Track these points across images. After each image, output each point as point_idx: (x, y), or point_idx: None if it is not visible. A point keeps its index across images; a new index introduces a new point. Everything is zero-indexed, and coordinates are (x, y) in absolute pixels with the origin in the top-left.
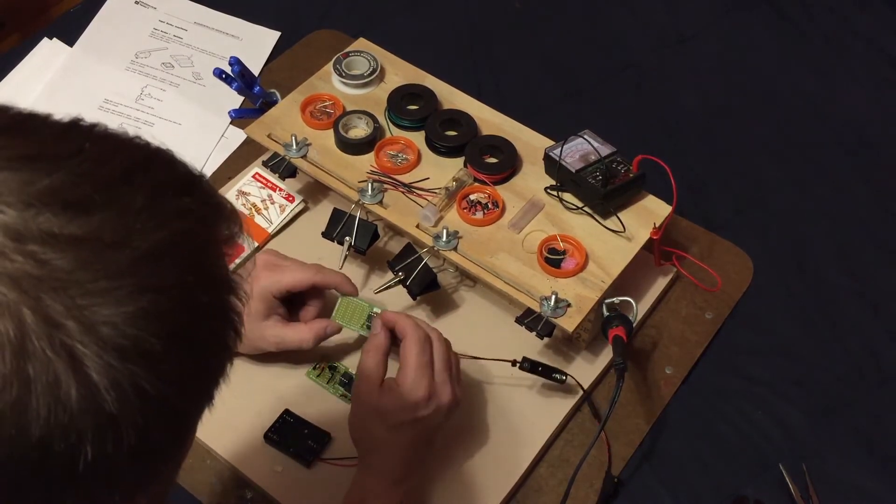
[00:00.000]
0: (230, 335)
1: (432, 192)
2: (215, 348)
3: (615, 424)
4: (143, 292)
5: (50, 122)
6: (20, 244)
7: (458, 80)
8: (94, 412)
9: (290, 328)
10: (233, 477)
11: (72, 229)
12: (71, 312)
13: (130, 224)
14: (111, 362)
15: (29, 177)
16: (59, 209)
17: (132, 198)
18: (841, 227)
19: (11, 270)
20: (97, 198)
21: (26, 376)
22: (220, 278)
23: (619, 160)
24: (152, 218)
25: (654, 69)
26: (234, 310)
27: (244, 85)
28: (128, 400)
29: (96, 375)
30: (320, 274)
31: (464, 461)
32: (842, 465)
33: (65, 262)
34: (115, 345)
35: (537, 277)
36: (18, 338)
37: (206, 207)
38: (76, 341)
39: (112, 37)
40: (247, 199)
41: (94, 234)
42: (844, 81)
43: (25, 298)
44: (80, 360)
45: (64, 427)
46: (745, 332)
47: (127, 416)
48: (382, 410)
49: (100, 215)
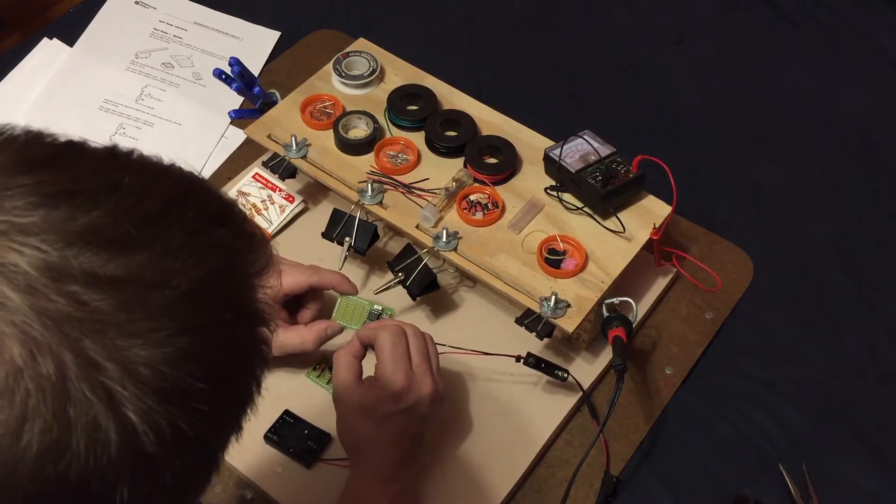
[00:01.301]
0: (260, 367)
1: (432, 192)
2: (248, 382)
3: (615, 424)
4: (182, 333)
5: (87, 152)
6: (61, 284)
7: (458, 80)
8: (132, 454)
9: (291, 332)
10: (233, 477)
11: (112, 269)
12: (111, 354)
13: (170, 263)
14: (150, 404)
15: (69, 214)
16: (99, 248)
17: (172, 234)
18: (841, 227)
19: (52, 311)
20: (137, 236)
21: (67, 418)
22: (253, 311)
23: (618, 160)
24: (191, 255)
25: (654, 69)
26: (265, 341)
27: (244, 85)
28: (166, 441)
29: (135, 417)
30: (317, 275)
31: (464, 461)
32: (842, 465)
33: (105, 304)
34: (155, 387)
35: (537, 278)
36: (59, 380)
37: (240, 238)
38: (116, 383)
39: (112, 37)
40: (247, 199)
41: (134, 274)
42: (844, 81)
43: (66, 340)
44: (120, 402)
45: (102, 468)
46: (745, 332)
47: (164, 457)
48: (363, 406)
49: (140, 255)
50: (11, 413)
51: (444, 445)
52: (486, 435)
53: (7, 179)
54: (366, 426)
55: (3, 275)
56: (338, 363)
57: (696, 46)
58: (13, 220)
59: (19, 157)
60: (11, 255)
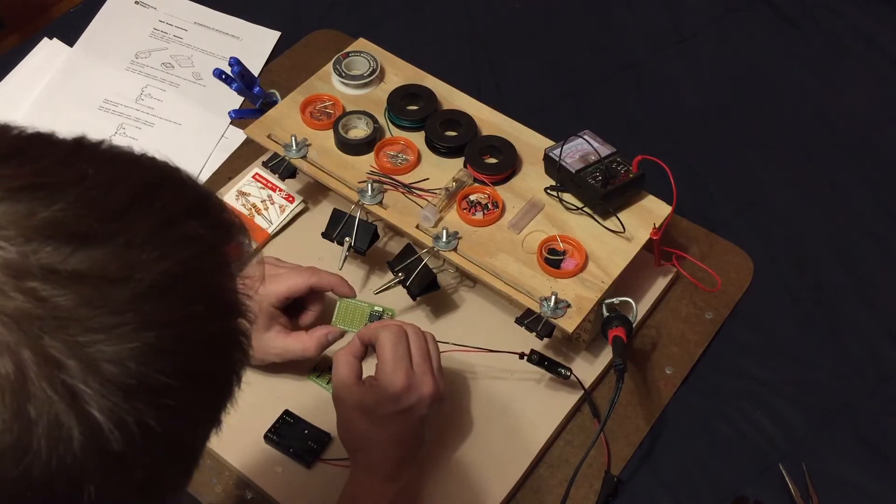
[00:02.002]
0: (238, 360)
1: (432, 192)
2: (224, 375)
3: (615, 424)
4: (148, 327)
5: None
6: (20, 281)
7: (458, 80)
8: (98, 452)
9: (292, 338)
10: (233, 477)
11: (73, 264)
12: (72, 351)
13: (135, 256)
14: (115, 401)
15: (30, 208)
16: (60, 243)
17: (138, 227)
18: (841, 227)
19: (11, 309)
20: (100, 229)
21: (27, 418)
22: (228, 303)
23: (618, 160)
24: (159, 247)
25: (654, 69)
26: (243, 332)
27: (244, 85)
28: (133, 438)
29: (99, 415)
30: (316, 276)
31: (464, 462)
32: (842, 465)
33: (66, 300)
34: (119, 383)
35: (537, 278)
36: (19, 378)
37: (215, 230)
38: (78, 381)
39: (112, 37)
40: (247, 199)
41: (96, 268)
42: (844, 81)
43: (25, 338)
44: (83, 399)
45: (66, 467)
46: (745, 332)
47: (133, 454)
48: (363, 405)
49: (103, 248)
50: None
51: (445, 445)
52: (487, 434)
53: None
54: (365, 425)
55: None
56: (338, 363)
57: (696, 46)
58: None
59: None
60: None
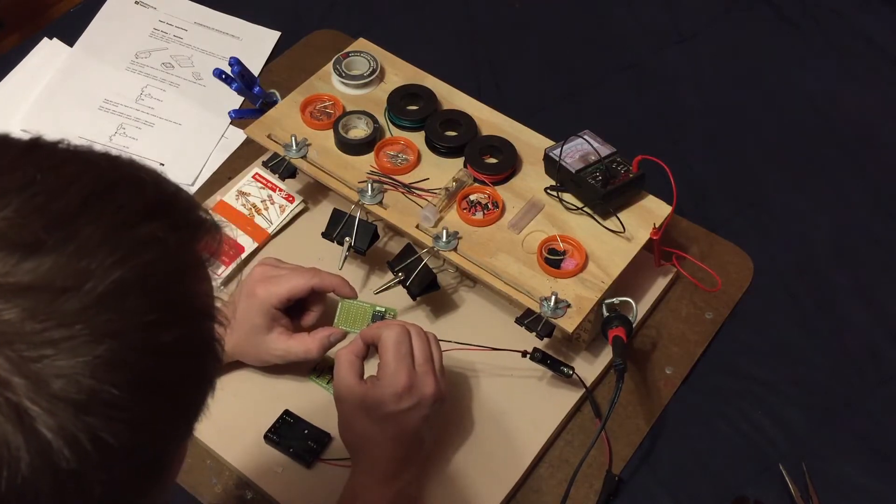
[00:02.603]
0: (208, 365)
1: (432, 192)
2: (190, 384)
3: (615, 425)
4: (100, 340)
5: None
6: None
7: (458, 80)
8: (48, 471)
9: (294, 340)
10: (233, 477)
11: (18, 276)
12: (18, 368)
13: (85, 264)
14: (65, 417)
15: None
16: (5, 253)
17: (89, 232)
18: (841, 227)
19: None
20: (48, 237)
21: None
22: (196, 307)
23: (618, 160)
24: (111, 254)
25: (654, 69)
26: (213, 337)
27: (244, 85)
28: (86, 455)
29: (48, 433)
30: (317, 277)
31: (464, 461)
32: (842, 465)
33: (10, 314)
34: (69, 399)
35: (537, 278)
36: None
37: (178, 230)
38: (24, 398)
39: (112, 37)
40: (247, 199)
41: (43, 279)
42: (845, 81)
43: None
44: (30, 417)
45: (17, 488)
46: (745, 332)
47: (88, 471)
48: (365, 405)
49: (49, 257)
50: None
51: (445, 444)
52: (487, 434)
53: None
54: (366, 425)
55: None
56: (339, 362)
57: (696, 46)
58: None
59: None
60: None
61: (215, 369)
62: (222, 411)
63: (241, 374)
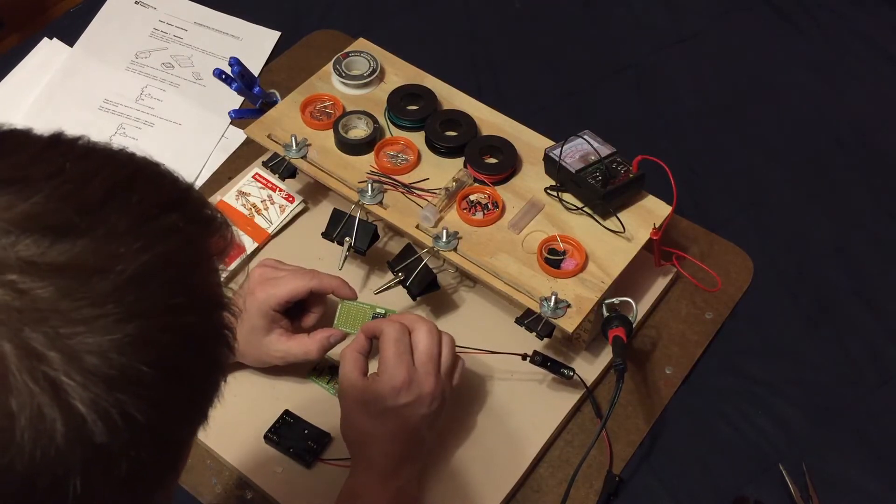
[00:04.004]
0: (222, 353)
1: (432, 192)
2: (207, 369)
3: (615, 425)
4: (129, 319)
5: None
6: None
7: (458, 80)
8: (81, 444)
9: (294, 341)
10: (233, 477)
11: (52, 256)
12: (53, 343)
13: (114, 248)
14: (98, 392)
15: (7, 201)
16: (38, 235)
17: (116, 220)
18: (841, 227)
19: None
20: (79, 221)
21: (9, 411)
22: (210, 296)
23: (618, 160)
24: (137, 240)
25: (654, 69)
26: (227, 326)
27: (244, 85)
28: (117, 430)
29: (82, 407)
30: (316, 279)
31: (464, 461)
32: (842, 465)
33: (46, 292)
34: (102, 374)
35: (537, 278)
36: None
37: (194, 223)
38: (60, 372)
39: (112, 37)
40: (247, 199)
41: (76, 260)
42: (844, 81)
43: (5, 331)
44: (65, 391)
45: (50, 460)
46: (745, 332)
47: (117, 447)
48: (364, 401)
49: (82, 240)
50: None
51: (445, 444)
52: (487, 435)
53: None
54: (365, 421)
55: None
56: (344, 358)
57: (696, 46)
58: None
59: None
60: None
61: (227, 357)
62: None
63: (241, 374)
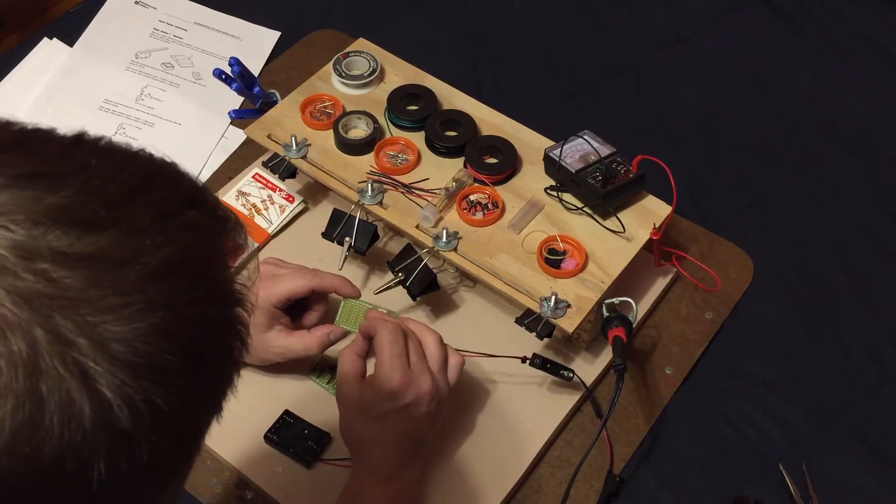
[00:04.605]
0: (237, 347)
1: (432, 192)
2: (224, 361)
3: (615, 425)
4: (154, 309)
5: (55, 137)
6: (30, 262)
7: (458, 80)
8: (107, 429)
9: (294, 337)
10: (233, 477)
11: (81, 247)
12: (82, 330)
13: (139, 241)
14: (124, 379)
15: (36, 195)
16: (67, 227)
17: (140, 214)
18: (841, 227)
19: (22, 289)
20: (105, 215)
21: (39, 395)
22: (227, 291)
23: (618, 160)
24: (160, 234)
25: (654, 69)
26: (241, 321)
27: (244, 85)
28: (141, 416)
29: (109, 392)
30: (318, 278)
31: (464, 461)
32: (842, 465)
33: (75, 281)
34: (128, 362)
35: (537, 278)
36: (31, 356)
37: (211, 220)
38: (88, 359)
39: (112, 37)
40: (247, 199)
41: (103, 251)
42: (844, 81)
43: (37, 317)
44: (93, 377)
45: (77, 445)
46: (745, 332)
47: (140, 433)
48: (362, 404)
49: (108, 232)
50: None
51: (445, 445)
52: (487, 435)
53: None
54: (364, 423)
55: None
56: (342, 361)
57: (696, 46)
58: None
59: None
60: None
61: (241, 352)
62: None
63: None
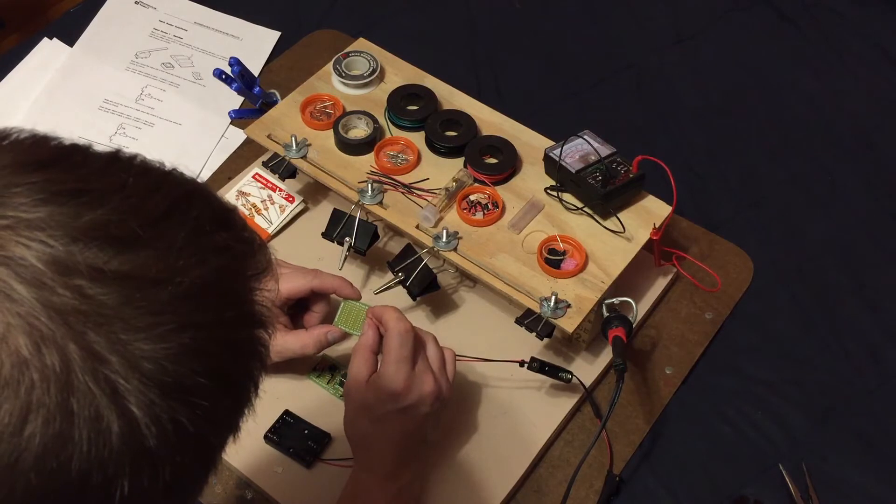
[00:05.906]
0: (258, 368)
1: (432, 192)
2: (246, 383)
3: (615, 425)
4: (184, 329)
5: (92, 154)
6: (67, 278)
7: (458, 80)
8: (133, 447)
9: (291, 336)
10: (233, 477)
11: (117, 265)
12: (115, 347)
13: (173, 261)
14: (153, 398)
15: (75, 211)
16: (104, 244)
17: (174, 233)
18: (841, 227)
19: (58, 304)
20: (142, 233)
21: (70, 410)
22: (253, 313)
23: (618, 160)
24: (193, 254)
25: (654, 69)
26: (263, 343)
27: (244, 85)
28: (167, 436)
29: (138, 411)
30: (318, 279)
31: (464, 461)
32: (842, 465)
33: (110, 298)
34: (157, 381)
35: (537, 278)
36: (63, 371)
37: (240, 242)
38: (119, 376)
39: (112, 37)
40: (247, 199)
41: (138, 270)
42: (844, 81)
43: (71, 332)
44: (123, 395)
45: (104, 461)
46: (745, 332)
47: (164, 452)
48: (366, 404)
49: (144, 251)
50: (16, 404)
51: (445, 446)
52: (487, 435)
53: (15, 177)
54: (367, 423)
55: (10, 268)
56: (355, 355)
57: (696, 46)
58: (20, 216)
59: (26, 157)
60: (19, 248)
61: (262, 374)
62: None
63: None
